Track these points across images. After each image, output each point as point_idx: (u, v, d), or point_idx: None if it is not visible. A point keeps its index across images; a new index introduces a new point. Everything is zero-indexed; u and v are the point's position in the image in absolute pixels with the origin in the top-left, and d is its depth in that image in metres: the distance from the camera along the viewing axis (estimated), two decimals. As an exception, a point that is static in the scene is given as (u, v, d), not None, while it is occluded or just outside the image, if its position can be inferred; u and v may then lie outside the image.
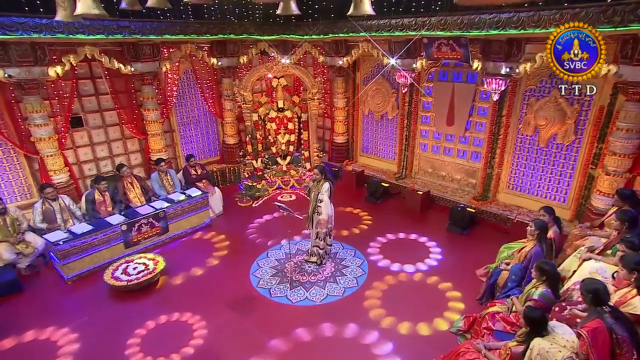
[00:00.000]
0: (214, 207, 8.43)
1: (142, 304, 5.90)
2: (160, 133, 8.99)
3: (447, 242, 7.39)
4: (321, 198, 6.32)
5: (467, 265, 6.63)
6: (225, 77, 9.80)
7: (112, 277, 6.18)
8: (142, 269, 6.32)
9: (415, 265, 6.71)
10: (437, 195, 8.77)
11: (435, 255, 7.03)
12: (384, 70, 9.16)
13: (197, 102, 9.99)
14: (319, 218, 6.41)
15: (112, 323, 5.51)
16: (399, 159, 9.76)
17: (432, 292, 6.07)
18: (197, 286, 6.30)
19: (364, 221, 8.34)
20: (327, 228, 6.47)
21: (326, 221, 6.41)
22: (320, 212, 6.38)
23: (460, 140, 8.61)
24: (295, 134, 10.10)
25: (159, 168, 8.09)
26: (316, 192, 6.35)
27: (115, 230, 6.81)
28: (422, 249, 7.21)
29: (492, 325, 4.74)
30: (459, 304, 5.76)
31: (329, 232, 6.55)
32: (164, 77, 9.06)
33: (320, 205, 6.36)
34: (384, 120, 9.97)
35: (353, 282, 6.29)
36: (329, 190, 6.34)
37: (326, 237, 6.55)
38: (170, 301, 5.95)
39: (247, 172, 9.79)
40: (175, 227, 7.65)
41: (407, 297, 5.96)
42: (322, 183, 6.38)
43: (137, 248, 7.12)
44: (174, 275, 6.56)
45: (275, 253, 7.13)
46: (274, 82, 9.66)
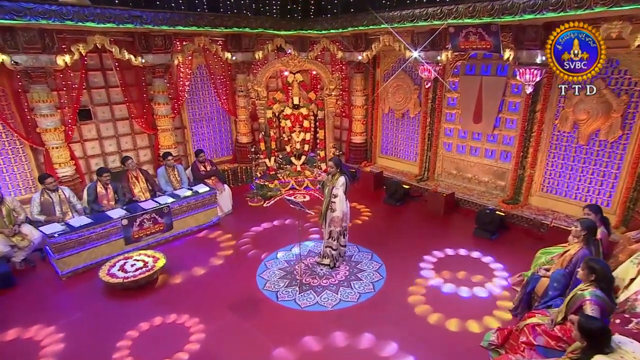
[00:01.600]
0: (222, 206, 7.95)
1: (137, 304, 5.38)
2: (171, 129, 8.62)
3: (475, 248, 6.68)
4: (336, 193, 5.74)
5: (498, 273, 5.93)
6: (239, 73, 9.44)
7: (108, 273, 5.69)
8: (140, 266, 5.82)
9: (440, 274, 6.02)
10: (462, 198, 8.09)
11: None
12: (406, 64, 8.61)
13: (210, 98, 9.64)
14: (333, 215, 5.81)
15: (103, 323, 4.99)
16: (421, 160, 9.17)
17: (459, 300, 5.37)
18: (199, 286, 5.76)
19: (378, 223, 7.70)
20: (341, 227, 5.86)
21: (340, 219, 5.81)
22: (335, 209, 5.79)
23: (489, 139, 7.95)
24: (311, 133, 9.56)
25: (166, 162, 7.66)
26: (331, 186, 5.77)
27: (115, 224, 6.35)
28: (447, 256, 6.51)
29: (532, 339, 4.02)
30: (491, 316, 5.03)
31: (344, 231, 5.94)
32: (176, 71, 8.71)
33: (334, 201, 5.77)
34: (405, 119, 9.41)
35: (369, 288, 5.65)
36: (344, 184, 5.76)
37: (340, 236, 5.94)
38: (168, 302, 5.42)
39: (259, 172, 9.28)
40: (180, 224, 7.17)
41: (434, 304, 5.28)
42: (337, 177, 5.81)
43: (138, 245, 6.64)
44: (175, 274, 6.05)
45: (284, 254, 6.56)
46: (290, 77, 9.19)
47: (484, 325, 4.83)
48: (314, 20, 9.52)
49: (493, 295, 5.44)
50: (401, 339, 4.64)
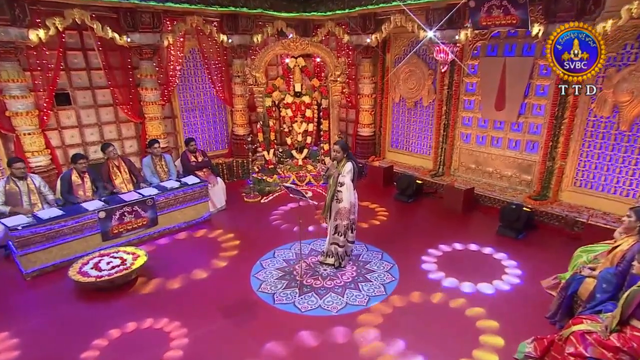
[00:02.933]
0: (214, 201, 7.41)
1: (111, 307, 4.81)
2: (160, 117, 8.12)
3: (499, 248, 6.10)
4: (342, 181, 5.18)
5: (527, 275, 5.36)
6: (236, 58, 8.93)
7: (79, 272, 5.13)
8: (117, 264, 5.26)
9: (460, 274, 5.43)
10: (482, 194, 7.52)
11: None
12: (420, 45, 8.08)
13: (203, 85, 9.16)
14: (339, 206, 5.25)
15: (69, 330, 4.43)
16: (435, 153, 8.63)
17: (483, 303, 4.77)
18: (184, 288, 5.19)
19: (387, 219, 7.15)
20: (348, 219, 5.29)
21: (348, 210, 5.25)
22: (341, 199, 5.23)
23: (513, 128, 7.41)
24: (314, 123, 9.09)
25: (152, 151, 7.13)
26: (336, 174, 5.21)
27: (91, 217, 5.80)
28: (467, 255, 5.94)
29: (583, 350, 3.42)
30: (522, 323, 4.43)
31: (351, 225, 5.37)
32: (165, 54, 8.22)
33: (340, 190, 5.21)
34: (417, 108, 8.89)
35: (380, 290, 5.08)
36: (352, 171, 5.21)
37: (347, 231, 5.36)
38: (148, 304, 4.85)
39: (257, 166, 8.75)
40: (166, 219, 6.62)
41: (450, 310, 4.68)
42: (343, 163, 5.26)
43: (117, 241, 6.08)
44: (157, 273, 5.49)
45: (283, 253, 6.01)
46: (291, 62, 8.71)
47: (513, 335, 4.22)
48: (318, 1, 9.04)
49: (522, 299, 4.85)
50: (418, 350, 4.04)
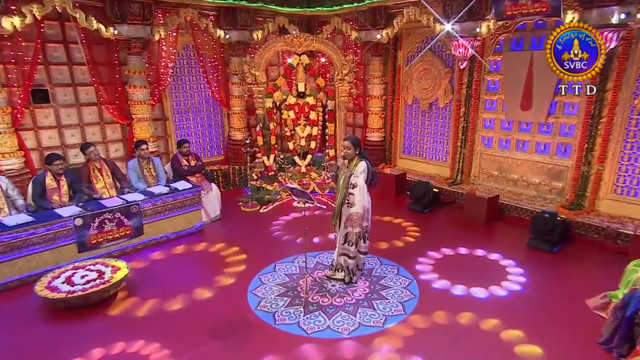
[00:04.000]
0: (208, 209, 6.96)
1: (84, 329, 4.29)
2: (149, 118, 7.75)
3: (531, 262, 5.64)
4: (354, 182, 4.71)
5: (568, 294, 4.84)
6: (234, 56, 8.64)
7: (48, 287, 4.61)
8: (93, 278, 4.76)
9: (488, 289, 4.96)
10: (507, 203, 7.07)
11: (517, 277, 5.27)
12: (435, 40, 7.72)
13: (198, 85, 8.84)
14: (350, 212, 4.77)
15: (29, 356, 3.88)
16: (453, 159, 8.24)
17: (520, 325, 4.25)
18: (169, 306, 4.67)
19: (409, 232, 6.65)
20: (361, 227, 4.80)
21: (360, 216, 4.76)
22: (352, 203, 4.75)
23: (541, 130, 7.00)
24: (319, 127, 8.72)
25: (139, 153, 6.69)
26: (347, 174, 4.75)
27: (65, 225, 5.32)
28: (495, 269, 5.49)
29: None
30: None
31: (364, 233, 4.87)
32: (157, 49, 7.88)
33: (352, 193, 4.74)
34: (433, 110, 8.54)
35: (398, 309, 4.57)
36: (365, 171, 4.75)
37: (359, 240, 4.86)
38: (125, 325, 4.33)
39: (255, 173, 8.32)
40: (153, 228, 6.15)
41: (482, 332, 4.16)
42: (355, 162, 4.80)
43: (96, 253, 5.59)
44: (140, 289, 4.99)
45: (285, 266, 5.52)
46: (294, 59, 8.37)
47: None
48: (323, -5, 8.79)
49: (566, 320, 4.33)
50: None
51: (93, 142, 7.43)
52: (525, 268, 5.46)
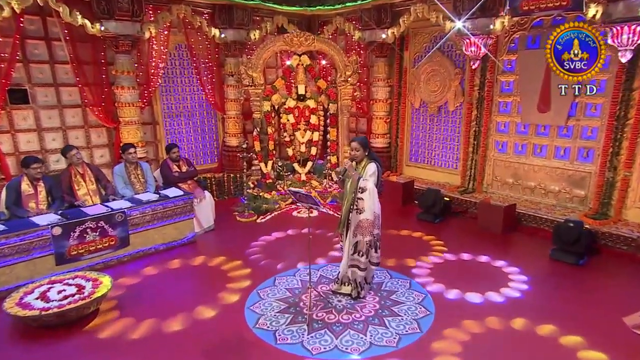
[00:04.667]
0: (201, 219, 6.67)
1: (56, 352, 3.93)
2: (138, 122, 7.45)
3: (556, 276, 5.36)
4: (364, 186, 4.43)
5: (601, 311, 4.54)
6: (230, 57, 8.41)
7: (19, 303, 4.26)
8: (72, 293, 4.41)
9: (508, 302, 4.62)
10: (525, 212, 6.82)
11: (540, 291, 4.98)
12: (445, 39, 7.53)
13: (191, 87, 8.59)
14: (360, 218, 4.47)
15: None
16: (464, 166, 8.00)
17: (549, 348, 3.95)
18: (160, 324, 4.32)
19: (435, 247, 6.32)
20: (371, 235, 4.49)
21: (371, 223, 4.46)
22: (362, 209, 4.46)
23: (560, 133, 6.77)
24: (320, 132, 8.52)
25: (126, 158, 6.39)
26: (356, 177, 4.46)
27: (41, 234, 4.98)
28: (515, 282, 5.16)
29: None
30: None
31: (375, 241, 4.56)
32: (147, 48, 7.65)
33: (361, 198, 4.45)
34: (442, 114, 8.35)
35: (413, 327, 4.25)
36: (375, 174, 4.48)
37: (370, 250, 4.55)
38: (106, 348, 3.97)
39: (252, 182, 8.04)
40: (140, 239, 5.85)
41: (506, 354, 3.85)
42: (364, 164, 4.54)
43: (76, 266, 5.25)
44: (126, 306, 4.67)
45: (285, 280, 5.22)
46: (294, 60, 8.20)
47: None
48: (324, -7, 8.62)
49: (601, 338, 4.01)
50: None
51: (77, 146, 7.17)
52: (549, 282, 5.19)
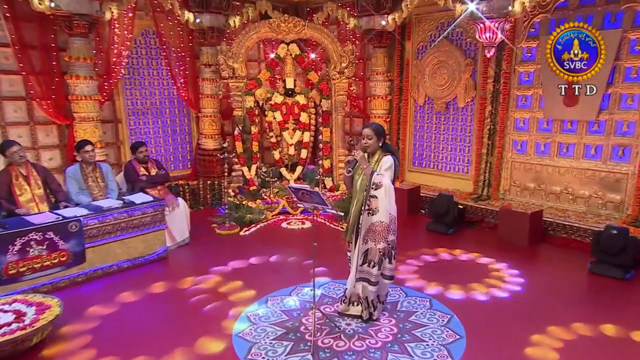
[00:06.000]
0: (174, 231, 6.22)
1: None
2: (96, 118, 6.91)
3: (600, 293, 5.04)
4: (378, 181, 4.00)
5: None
6: (205, 46, 8.17)
7: (-62, 333, 3.65)
8: (7, 322, 3.84)
9: (547, 332, 4.20)
10: (552, 221, 6.56)
11: (587, 312, 4.59)
12: (454, 25, 7.24)
13: (160, 80, 8.32)
14: (372, 221, 4.03)
15: None
16: (477, 170, 7.76)
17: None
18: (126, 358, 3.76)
19: (439, 255, 5.99)
20: (385, 241, 4.04)
21: (386, 227, 4.02)
22: (375, 209, 4.03)
23: (590, 129, 6.54)
24: (311, 132, 8.26)
25: (82, 157, 5.85)
26: (368, 171, 4.04)
27: (-27, 247, 4.38)
28: (559, 298, 4.83)
29: None
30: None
31: (390, 250, 4.11)
32: (108, 33, 7.21)
33: (375, 196, 4.01)
34: (450, 112, 8.17)
35: (442, 354, 3.81)
36: (392, 168, 4.08)
37: (384, 260, 4.09)
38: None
39: (232, 189, 7.59)
40: (99, 255, 5.30)
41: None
42: (378, 157, 4.15)
43: (15, 288, 4.62)
44: (80, 336, 4.10)
45: (280, 300, 4.77)
46: (281, 49, 7.94)
47: None
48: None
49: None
50: None
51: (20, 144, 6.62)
52: (595, 300, 4.87)
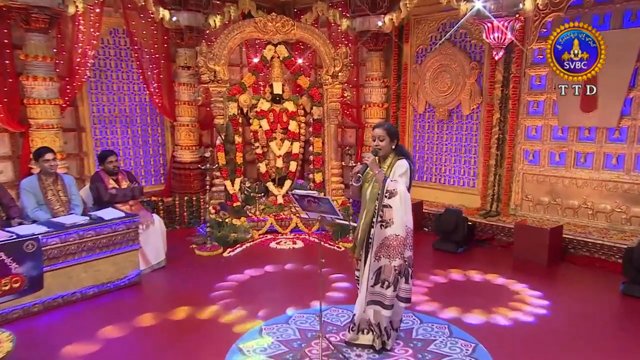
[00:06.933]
0: (148, 253, 5.90)
1: None
2: (56, 125, 6.65)
3: (634, 318, 4.90)
4: (393, 188, 3.75)
5: None
6: (183, 47, 8.07)
7: None
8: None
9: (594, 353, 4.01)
10: (572, 237, 6.50)
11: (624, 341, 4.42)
12: (461, 23, 7.18)
13: (130, 85, 8.18)
14: (386, 234, 3.77)
15: None
16: (484, 183, 7.76)
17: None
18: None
19: (450, 276, 5.83)
20: (402, 258, 3.76)
21: (402, 241, 3.75)
22: (390, 221, 3.76)
23: (611, 137, 6.55)
24: (301, 143, 8.13)
25: (41, 166, 5.49)
26: (381, 177, 3.80)
27: None
28: (591, 326, 4.65)
29: None
30: None
31: (406, 268, 3.83)
32: (71, 30, 6.98)
33: (389, 205, 3.76)
34: (453, 120, 8.19)
35: (470, 390, 3.51)
36: (407, 173, 3.86)
37: (399, 279, 3.80)
38: None
39: (212, 206, 7.30)
40: (60, 280, 4.93)
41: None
42: (391, 161, 3.92)
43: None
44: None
45: (276, 330, 4.45)
46: (268, 50, 7.84)
47: None
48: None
49: None
50: None
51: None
52: (632, 325, 4.69)
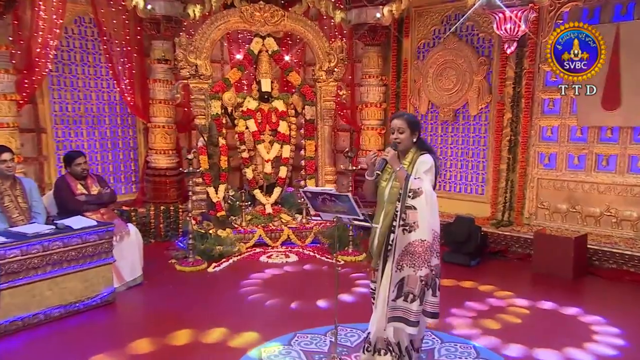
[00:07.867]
0: (122, 268, 5.71)
1: None
2: (11, 124, 6.52)
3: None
4: (417, 187, 3.52)
5: None
6: (159, 39, 8.02)
7: None
8: None
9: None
10: (597, 248, 6.49)
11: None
12: (465, 17, 7.36)
13: (98, 81, 8.09)
14: (410, 239, 3.52)
15: None
16: (495, 190, 7.79)
17: None
18: None
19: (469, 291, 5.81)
20: (428, 267, 3.53)
21: (428, 247, 3.52)
22: (414, 225, 3.52)
23: (636, 137, 6.62)
24: (292, 146, 8.10)
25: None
26: (402, 174, 3.57)
27: None
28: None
29: None
30: None
31: (434, 277, 3.61)
32: (31, 17, 6.85)
33: (413, 206, 3.52)
34: (459, 121, 8.27)
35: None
36: (432, 170, 3.63)
37: (425, 291, 3.58)
38: None
39: (194, 217, 7.08)
40: (20, 299, 4.67)
41: None
42: (412, 156, 3.69)
43: None
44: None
45: (279, 353, 4.30)
46: (256, 43, 7.80)
47: None
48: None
49: None
50: None
51: None
52: None
